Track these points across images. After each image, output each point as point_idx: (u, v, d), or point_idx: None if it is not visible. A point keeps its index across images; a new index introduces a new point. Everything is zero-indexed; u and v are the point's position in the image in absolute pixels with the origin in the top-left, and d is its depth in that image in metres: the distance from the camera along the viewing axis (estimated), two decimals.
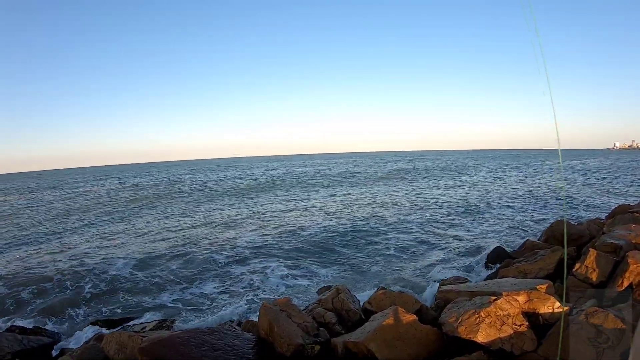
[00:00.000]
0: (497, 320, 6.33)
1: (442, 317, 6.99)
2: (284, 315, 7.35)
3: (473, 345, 6.23)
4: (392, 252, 18.76)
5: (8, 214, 38.96)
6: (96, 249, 21.59)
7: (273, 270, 16.72)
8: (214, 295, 14.34)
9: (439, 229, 22.83)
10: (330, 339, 7.28)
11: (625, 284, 7.20)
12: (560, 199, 30.85)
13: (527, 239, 13.07)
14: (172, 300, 14.01)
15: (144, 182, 71.50)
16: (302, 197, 40.36)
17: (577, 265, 8.25)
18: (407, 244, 19.84)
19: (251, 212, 31.40)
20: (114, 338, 7.16)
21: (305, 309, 9.09)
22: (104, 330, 10.34)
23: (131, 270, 17.57)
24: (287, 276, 15.95)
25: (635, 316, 5.98)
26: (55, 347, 9.26)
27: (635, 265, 7.23)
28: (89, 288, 15.53)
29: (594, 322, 5.93)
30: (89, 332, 10.57)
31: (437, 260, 16.48)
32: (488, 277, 10.95)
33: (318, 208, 32.03)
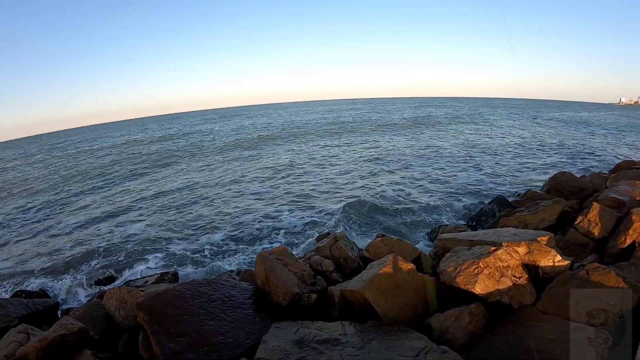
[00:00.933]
0: (496, 271, 6.14)
1: (441, 266, 6.78)
2: (280, 264, 7.15)
3: (471, 296, 6.05)
4: (395, 199, 18.70)
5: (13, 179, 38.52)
6: (106, 208, 21.71)
7: (279, 219, 16.77)
8: (219, 246, 14.54)
9: (442, 177, 22.65)
10: (327, 288, 7.12)
11: (628, 241, 7.00)
12: (567, 152, 30.25)
13: (529, 189, 12.77)
14: (179, 253, 14.18)
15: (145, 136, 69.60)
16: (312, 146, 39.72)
17: (579, 218, 8.04)
18: (411, 192, 19.72)
19: (264, 163, 31.33)
20: (114, 294, 7.05)
21: (303, 257, 8.99)
22: (106, 288, 10.33)
23: (140, 227, 17.78)
24: (294, 225, 16.03)
25: (638, 275, 5.79)
26: (60, 307, 9.22)
27: (639, 223, 6.98)
28: (96, 247, 15.69)
29: (595, 279, 5.77)
30: (93, 290, 10.81)
31: (438, 208, 16.35)
32: (489, 226, 10.75)
33: (326, 157, 31.66)
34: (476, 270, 6.15)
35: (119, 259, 14.15)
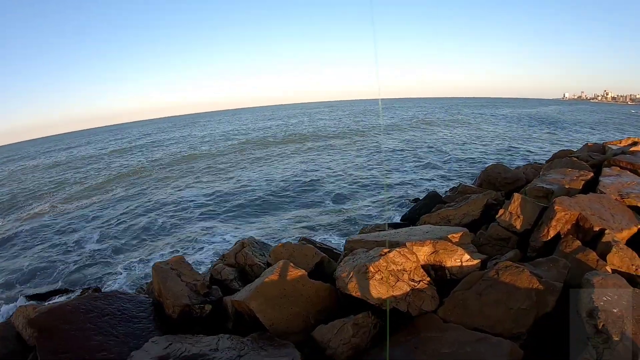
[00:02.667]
0: (390, 275, 5.00)
1: (337, 272, 5.70)
2: (173, 274, 6.49)
3: (366, 304, 4.99)
4: (328, 201, 17.65)
5: None
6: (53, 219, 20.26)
7: (212, 229, 15.66)
8: (146, 257, 13.58)
9: (381, 176, 21.57)
10: (222, 298, 6.41)
11: (552, 233, 5.88)
12: (508, 145, 29.59)
13: (461, 183, 11.63)
14: (111, 267, 13.22)
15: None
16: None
17: (501, 211, 6.95)
18: (346, 192, 18.58)
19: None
20: (21, 312, 6.55)
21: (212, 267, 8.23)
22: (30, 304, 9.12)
23: (89, 240, 16.62)
24: (224, 233, 14.91)
25: (557, 273, 4.60)
26: None
27: (562, 213, 5.89)
28: (35, 259, 14.69)
29: (505, 279, 4.65)
30: (14, 308, 9.54)
31: (370, 207, 15.27)
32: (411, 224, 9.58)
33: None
34: (367, 275, 4.99)
35: (54, 274, 13.15)
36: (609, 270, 4.75)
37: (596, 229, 5.56)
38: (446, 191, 12.95)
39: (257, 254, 8.05)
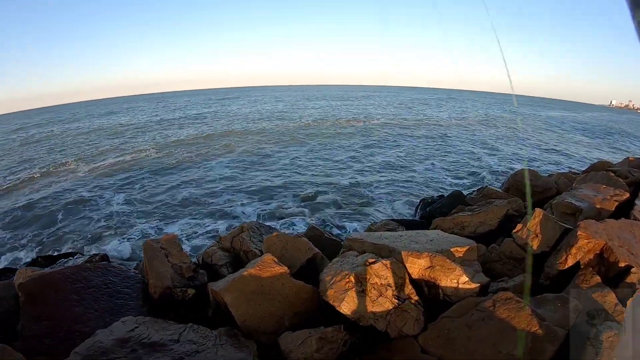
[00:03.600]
0: (372, 289, 4.42)
1: (322, 273, 5.12)
2: (162, 254, 6.25)
3: (342, 316, 4.43)
4: (350, 189, 16.87)
5: None
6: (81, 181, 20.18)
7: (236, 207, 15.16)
8: (163, 226, 13.40)
9: (404, 169, 20.55)
10: (207, 284, 5.94)
11: (570, 262, 5.04)
12: (546, 149, 27.76)
13: (486, 186, 10.66)
14: (127, 233, 13.10)
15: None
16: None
17: (519, 226, 6.14)
18: (369, 182, 17.84)
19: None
20: (21, 274, 6.40)
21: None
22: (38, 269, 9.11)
23: (115, 202, 16.51)
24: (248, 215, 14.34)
25: (563, 316, 3.84)
26: None
27: (586, 241, 5.01)
28: (55, 221, 14.59)
29: (501, 314, 3.92)
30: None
31: (388, 201, 14.51)
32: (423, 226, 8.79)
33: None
34: (347, 284, 4.47)
35: (70, 236, 13.10)
36: None
37: (622, 264, 4.70)
38: (473, 191, 12.02)
39: (255, 240, 7.52)
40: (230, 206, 15.02)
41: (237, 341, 4.43)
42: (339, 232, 11.39)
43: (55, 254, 10.90)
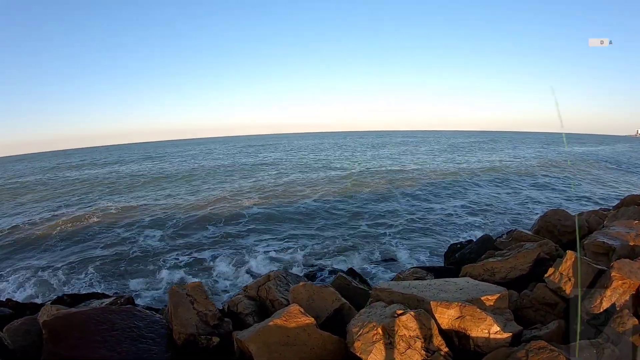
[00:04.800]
0: (400, 341, 4.26)
1: (349, 324, 5.01)
2: (187, 300, 6.13)
3: None
4: (375, 231, 16.73)
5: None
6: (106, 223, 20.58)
7: (258, 251, 15.13)
8: (193, 270, 13.39)
9: (432, 211, 20.25)
10: (232, 332, 5.83)
11: (605, 305, 4.80)
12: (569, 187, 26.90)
13: (516, 229, 10.33)
14: (155, 275, 13.14)
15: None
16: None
17: (550, 270, 5.90)
18: (397, 224, 17.68)
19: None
20: (45, 311, 6.58)
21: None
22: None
23: (149, 241, 16.90)
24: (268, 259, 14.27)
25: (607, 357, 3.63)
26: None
27: (620, 282, 4.79)
28: (89, 258, 14.79)
29: None
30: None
31: (414, 246, 14.23)
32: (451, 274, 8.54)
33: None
34: (375, 337, 4.38)
35: (112, 274, 13.33)
36: None
37: None
38: (502, 234, 11.69)
39: (281, 289, 7.42)
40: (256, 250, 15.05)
41: None
42: (370, 280, 11.13)
43: (83, 292, 11.02)
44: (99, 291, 11.35)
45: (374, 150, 68.03)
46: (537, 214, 16.64)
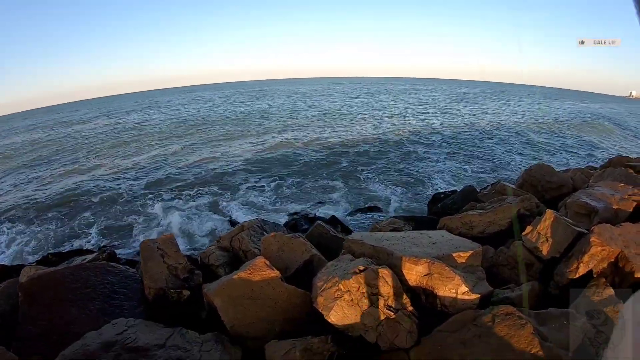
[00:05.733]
0: (362, 298, 3.99)
1: (315, 278, 4.76)
2: (158, 254, 6.00)
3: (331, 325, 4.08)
4: (365, 178, 16.42)
5: None
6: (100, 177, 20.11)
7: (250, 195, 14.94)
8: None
9: (424, 160, 19.89)
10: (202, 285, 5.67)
11: (582, 271, 4.55)
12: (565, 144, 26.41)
13: (500, 181, 10.02)
14: (140, 226, 13.02)
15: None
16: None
17: (528, 228, 5.65)
18: (387, 171, 17.33)
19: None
20: (25, 272, 6.42)
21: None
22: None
23: (135, 193, 16.61)
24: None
25: (569, 336, 3.37)
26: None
27: (599, 248, 4.50)
28: (76, 216, 14.51)
29: (500, 332, 3.48)
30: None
31: (400, 194, 13.99)
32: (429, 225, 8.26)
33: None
34: (337, 293, 4.07)
35: (104, 230, 13.05)
36: None
37: (638, 275, 4.19)
38: (487, 186, 11.40)
39: (256, 240, 7.18)
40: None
41: (222, 347, 4.18)
42: (353, 228, 10.90)
43: (68, 249, 10.88)
44: (85, 247, 11.24)
45: (372, 98, 66.30)
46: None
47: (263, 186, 16.37)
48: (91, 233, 12.68)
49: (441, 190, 13.14)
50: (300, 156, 21.10)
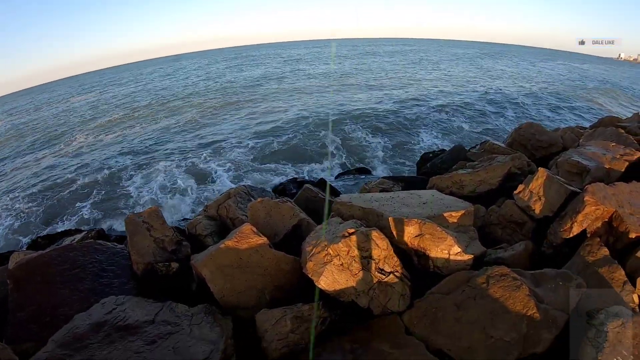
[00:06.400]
0: (352, 262, 3.89)
1: (304, 243, 4.63)
2: (144, 228, 5.83)
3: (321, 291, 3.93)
4: (356, 137, 16.11)
5: None
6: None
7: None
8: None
9: (413, 121, 19.56)
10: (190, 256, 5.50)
11: (576, 230, 4.44)
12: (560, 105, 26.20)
13: (488, 140, 9.86)
14: (128, 201, 12.81)
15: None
16: None
17: (520, 187, 5.54)
18: (378, 128, 17.00)
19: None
20: (14, 258, 6.14)
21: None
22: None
23: (121, 170, 16.03)
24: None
25: (565, 297, 3.30)
26: None
27: (593, 207, 4.39)
28: (64, 196, 14.17)
29: (495, 293, 3.41)
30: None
31: (391, 155, 13.83)
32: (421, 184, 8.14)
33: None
34: (326, 257, 3.95)
35: (95, 208, 12.79)
36: (636, 301, 3.39)
37: (632, 235, 4.09)
38: (476, 145, 11.25)
39: (243, 207, 6.94)
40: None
41: (212, 319, 4.09)
42: (342, 190, 10.73)
43: (58, 231, 10.67)
44: (74, 228, 10.95)
45: (359, 60, 64.79)
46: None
47: (252, 148, 16.10)
48: (80, 212, 12.49)
49: (429, 150, 12.98)
50: (288, 120, 20.73)
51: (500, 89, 30.99)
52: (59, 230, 10.97)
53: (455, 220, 4.69)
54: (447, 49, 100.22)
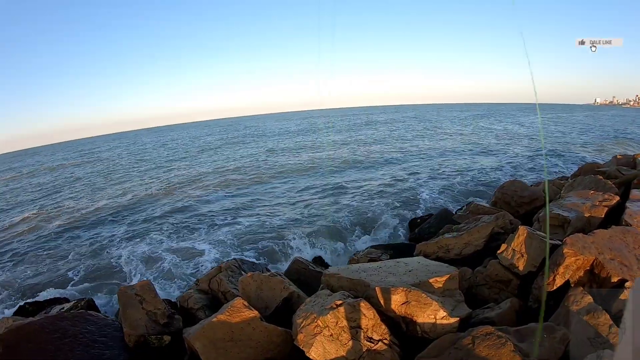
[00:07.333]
0: (342, 332, 3.95)
1: (295, 315, 4.67)
2: (136, 300, 5.95)
3: None
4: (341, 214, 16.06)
5: None
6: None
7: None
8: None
9: (393, 187, 19.63)
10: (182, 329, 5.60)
11: (559, 282, 4.54)
12: (541, 156, 26.55)
13: (472, 202, 10.05)
14: (120, 273, 12.22)
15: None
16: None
17: (503, 246, 5.66)
18: (357, 202, 17.01)
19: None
20: (3, 324, 6.37)
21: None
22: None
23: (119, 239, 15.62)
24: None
25: (551, 349, 3.31)
26: None
27: (573, 258, 4.51)
28: (53, 263, 13.71)
29: (481, 352, 3.41)
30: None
31: (373, 225, 13.72)
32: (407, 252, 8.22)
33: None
34: (316, 329, 3.99)
35: (74, 274, 12.39)
36: None
37: (615, 279, 4.20)
38: (463, 206, 11.42)
39: (234, 280, 7.04)
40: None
41: None
42: (334, 261, 10.64)
43: (45, 299, 10.41)
44: (62, 296, 10.64)
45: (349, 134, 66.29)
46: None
47: (241, 222, 16.03)
48: (69, 280, 12.10)
49: (416, 216, 13.04)
50: (276, 190, 20.87)
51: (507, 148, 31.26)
52: (47, 297, 10.72)
53: (441, 285, 4.76)
54: (448, 113, 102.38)
